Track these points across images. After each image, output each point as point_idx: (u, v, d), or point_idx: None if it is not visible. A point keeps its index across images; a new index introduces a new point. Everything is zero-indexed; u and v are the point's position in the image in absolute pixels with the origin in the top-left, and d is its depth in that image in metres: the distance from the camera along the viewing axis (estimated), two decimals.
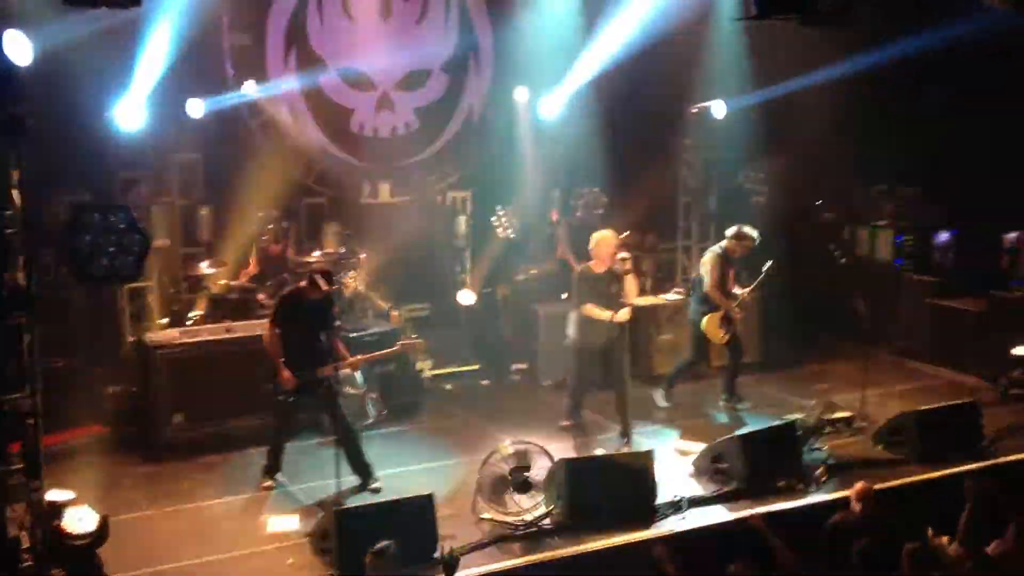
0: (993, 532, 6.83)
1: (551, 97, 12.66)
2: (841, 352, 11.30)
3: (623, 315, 9.42)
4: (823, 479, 8.68)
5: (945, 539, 6.55)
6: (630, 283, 9.53)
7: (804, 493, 8.46)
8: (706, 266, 10.54)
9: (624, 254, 9.51)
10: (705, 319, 10.44)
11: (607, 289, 9.46)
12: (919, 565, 6.08)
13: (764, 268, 10.59)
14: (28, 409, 6.61)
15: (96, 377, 9.96)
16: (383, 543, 6.11)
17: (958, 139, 12.27)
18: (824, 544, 7.06)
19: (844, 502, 7.53)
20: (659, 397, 10.74)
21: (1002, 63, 11.34)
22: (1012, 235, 12.27)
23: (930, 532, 6.66)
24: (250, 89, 11.09)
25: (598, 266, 9.57)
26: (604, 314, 9.35)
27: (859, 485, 7.40)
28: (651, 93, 12.57)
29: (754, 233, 10.62)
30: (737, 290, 10.57)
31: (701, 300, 10.56)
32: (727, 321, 10.46)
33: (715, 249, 10.62)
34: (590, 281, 9.54)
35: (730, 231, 10.62)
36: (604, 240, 9.55)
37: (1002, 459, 8.94)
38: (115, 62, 10.05)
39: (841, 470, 8.88)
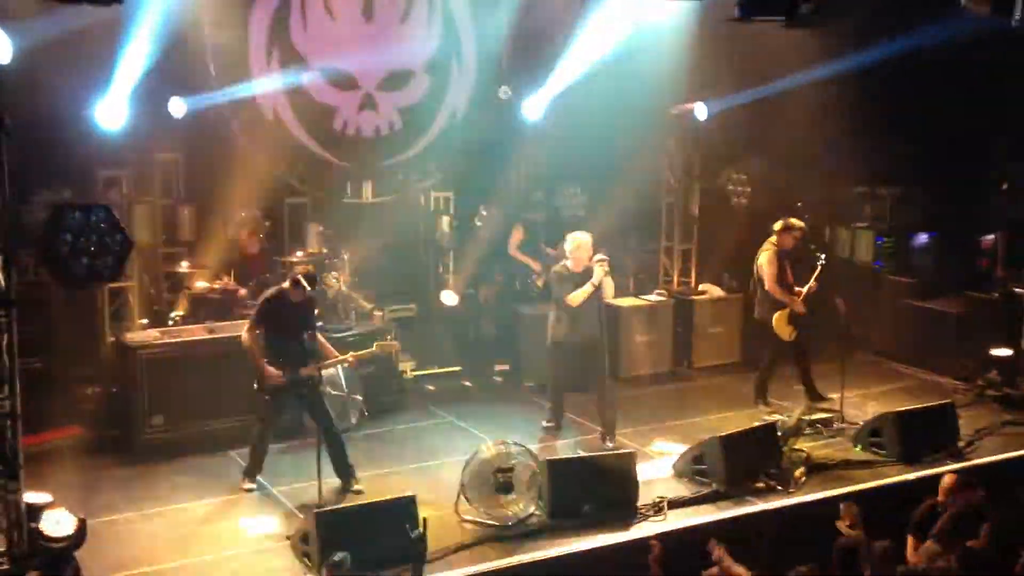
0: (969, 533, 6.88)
1: (534, 98, 12.67)
2: (820, 353, 11.32)
3: (607, 288, 9.56)
4: (802, 480, 8.73)
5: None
6: (607, 284, 9.60)
7: (784, 494, 8.50)
8: (763, 264, 10.51)
9: (601, 256, 9.55)
10: (775, 316, 10.43)
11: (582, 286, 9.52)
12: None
13: (818, 261, 10.59)
14: (7, 410, 6.57)
15: (75, 378, 9.90)
16: (339, 555, 6.07)
17: (937, 141, 12.35)
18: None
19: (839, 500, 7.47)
20: (761, 405, 10.72)
21: (980, 66, 11.40)
22: (990, 237, 12.38)
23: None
24: (231, 88, 11.03)
25: (575, 266, 9.60)
26: (584, 291, 9.38)
27: (949, 478, 7.40)
28: (634, 94, 12.57)
29: (800, 222, 10.68)
30: (797, 288, 10.52)
31: (764, 299, 10.55)
32: (794, 318, 10.44)
33: (768, 246, 10.59)
34: (567, 280, 9.59)
35: (776, 225, 10.63)
36: (582, 244, 9.60)
37: (978, 460, 8.99)
38: (96, 60, 9.97)
39: (820, 471, 8.94)
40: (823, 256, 10.67)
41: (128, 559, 7.28)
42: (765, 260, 10.50)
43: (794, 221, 10.63)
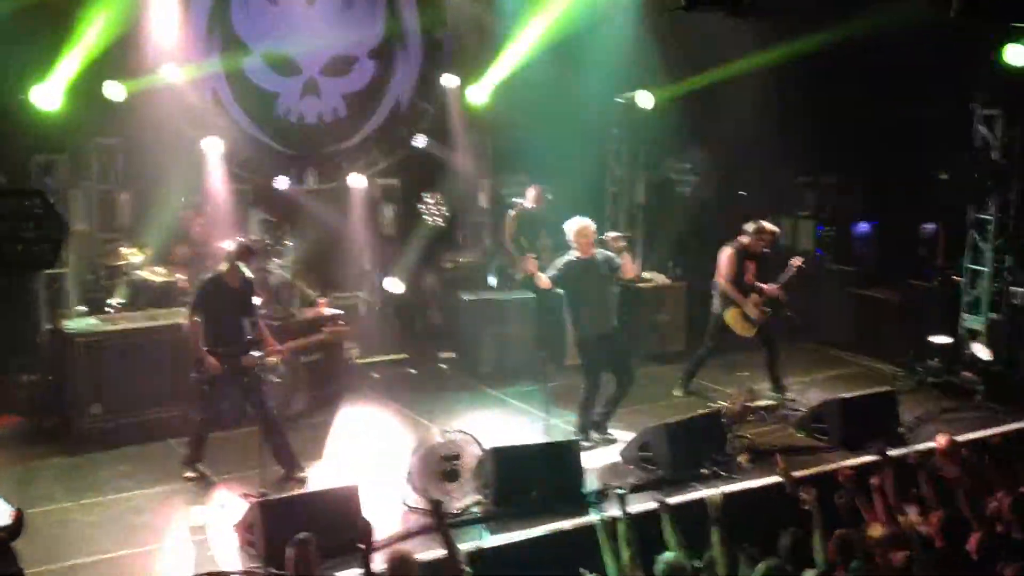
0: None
1: (480, 85, 12.63)
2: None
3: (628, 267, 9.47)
4: (747, 466, 8.81)
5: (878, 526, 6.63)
6: (626, 259, 9.45)
7: (728, 480, 8.56)
8: (722, 260, 10.48)
9: (615, 233, 9.55)
10: (728, 313, 10.43)
11: (597, 272, 9.29)
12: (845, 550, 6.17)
13: (793, 264, 10.57)
14: None
15: (11, 366, 9.72)
16: (303, 535, 6.04)
17: (878, 131, 12.52)
18: None
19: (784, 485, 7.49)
20: (676, 388, 10.81)
21: (920, 55, 11.55)
22: (930, 226, 12.58)
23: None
24: (170, 72, 10.85)
25: (584, 253, 9.27)
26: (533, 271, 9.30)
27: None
28: (579, 82, 12.58)
29: (773, 227, 10.66)
30: (760, 285, 10.46)
31: (721, 294, 10.53)
32: (749, 315, 10.44)
33: (733, 243, 10.53)
34: (579, 269, 9.26)
35: (749, 225, 10.54)
36: (583, 228, 9.27)
37: (919, 446, 9.11)
38: (31, 42, 9.78)
39: (764, 457, 9.02)
40: (800, 260, 10.67)
41: (67, 550, 7.15)
42: (724, 256, 10.51)
43: (766, 224, 10.59)
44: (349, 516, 7.22)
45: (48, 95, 9.80)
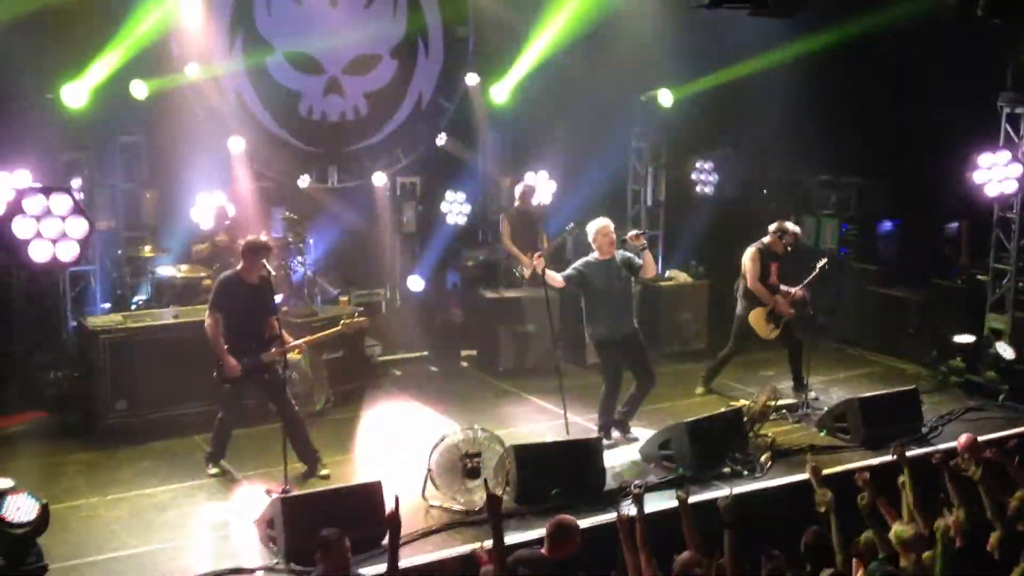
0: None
1: (501, 83, 12.64)
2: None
3: (648, 265, 9.26)
4: (768, 465, 8.78)
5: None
6: (648, 258, 9.27)
7: (750, 479, 8.54)
8: (747, 261, 10.44)
9: (636, 231, 9.44)
10: (751, 315, 10.41)
11: (616, 274, 9.24)
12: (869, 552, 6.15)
13: (818, 265, 10.48)
14: None
15: (37, 363, 9.80)
16: (334, 530, 6.03)
17: (902, 129, 12.45)
18: None
19: (805, 485, 7.47)
20: (699, 386, 10.82)
21: (945, 53, 11.48)
22: (953, 225, 12.50)
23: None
24: (194, 71, 10.93)
25: (602, 255, 9.22)
26: (524, 259, 9.67)
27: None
28: (600, 80, 12.59)
29: (795, 228, 10.62)
30: (784, 287, 10.45)
31: (745, 295, 10.51)
32: (774, 316, 10.42)
33: (756, 244, 10.48)
34: (597, 270, 9.19)
35: (771, 226, 10.52)
36: (603, 229, 9.21)
37: (941, 446, 9.06)
38: (58, 42, 9.87)
39: (786, 456, 8.99)
40: (824, 261, 10.59)
41: (91, 545, 7.20)
42: (748, 258, 10.45)
43: (788, 225, 10.54)
44: (372, 512, 7.26)
45: (73, 94, 9.89)
